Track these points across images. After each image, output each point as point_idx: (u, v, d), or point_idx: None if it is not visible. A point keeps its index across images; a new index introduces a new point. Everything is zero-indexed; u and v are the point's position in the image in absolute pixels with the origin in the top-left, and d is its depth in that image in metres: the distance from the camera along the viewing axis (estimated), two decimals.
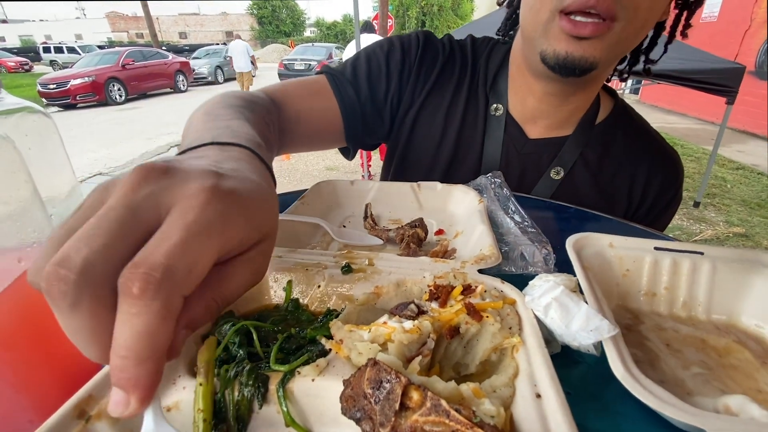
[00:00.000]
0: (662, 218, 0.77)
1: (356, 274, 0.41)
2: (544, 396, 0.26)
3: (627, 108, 0.79)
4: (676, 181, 0.76)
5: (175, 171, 0.23)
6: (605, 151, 0.74)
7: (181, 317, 0.22)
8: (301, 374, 0.29)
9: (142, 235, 0.21)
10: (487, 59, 0.77)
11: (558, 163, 0.73)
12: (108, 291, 0.20)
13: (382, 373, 0.24)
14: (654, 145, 0.76)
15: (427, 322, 0.31)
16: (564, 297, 0.32)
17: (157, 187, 0.22)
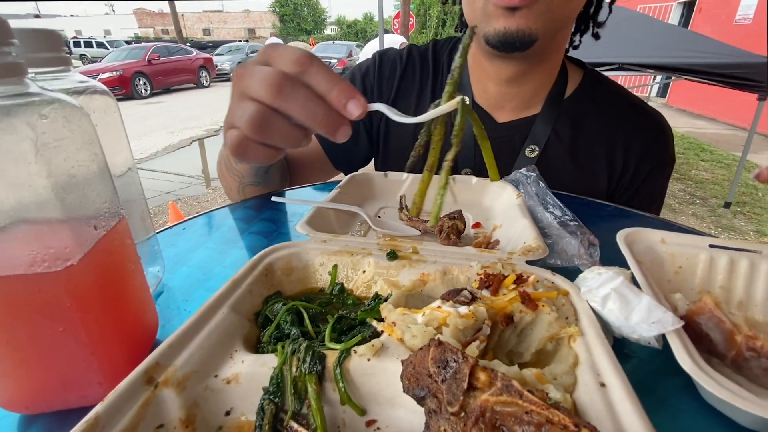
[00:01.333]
0: (650, 183, 0.73)
1: (401, 260, 0.41)
2: (609, 385, 0.26)
3: (597, 76, 0.78)
4: (660, 141, 0.73)
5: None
6: (577, 124, 0.73)
7: None
8: (357, 353, 0.30)
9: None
10: (448, 57, 0.80)
11: (531, 141, 0.73)
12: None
13: (448, 353, 0.24)
14: (631, 110, 0.74)
15: (482, 308, 0.31)
16: (624, 288, 0.31)
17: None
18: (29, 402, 0.29)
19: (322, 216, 0.54)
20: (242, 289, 0.36)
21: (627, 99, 0.76)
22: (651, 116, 0.75)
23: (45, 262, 0.25)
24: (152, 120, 7.74)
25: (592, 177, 0.73)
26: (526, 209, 0.55)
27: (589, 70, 0.78)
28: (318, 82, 0.36)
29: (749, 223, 3.43)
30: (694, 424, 0.30)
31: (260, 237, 0.56)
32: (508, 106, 0.76)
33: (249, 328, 0.34)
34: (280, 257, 0.41)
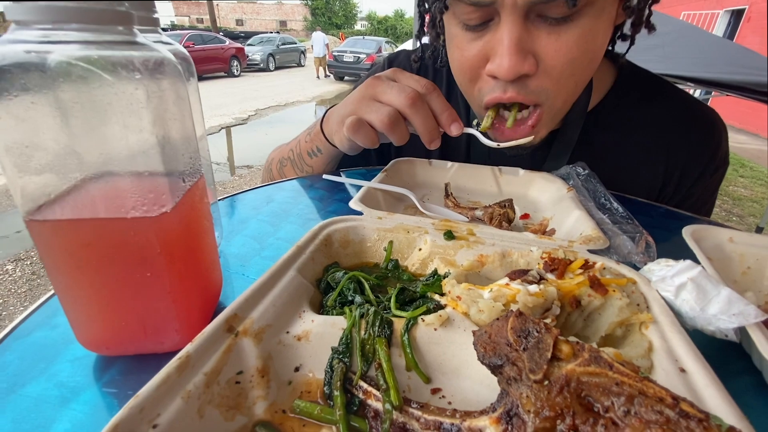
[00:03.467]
0: (700, 187, 0.67)
1: (459, 241, 0.41)
2: (689, 371, 0.25)
3: (634, 74, 0.70)
4: (711, 142, 0.66)
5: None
6: (611, 133, 0.67)
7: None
8: (424, 322, 0.30)
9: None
10: None
11: (549, 167, 0.67)
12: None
13: (529, 324, 0.24)
14: (676, 109, 0.67)
15: (552, 288, 0.31)
16: (702, 278, 0.30)
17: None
18: (110, 343, 0.31)
19: (371, 196, 0.55)
20: (306, 255, 0.36)
21: (670, 96, 0.69)
22: (701, 116, 0.68)
23: (143, 207, 0.26)
24: None
25: (628, 190, 0.68)
26: (579, 202, 0.54)
27: (624, 68, 0.71)
28: (436, 105, 0.52)
29: None
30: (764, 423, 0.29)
31: (309, 212, 0.57)
32: None
33: (313, 292, 0.35)
34: (339, 229, 0.42)
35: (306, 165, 0.72)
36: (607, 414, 0.20)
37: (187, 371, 0.23)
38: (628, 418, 0.20)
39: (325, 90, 10.71)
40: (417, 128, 0.51)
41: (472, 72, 0.56)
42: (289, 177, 0.74)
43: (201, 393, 0.23)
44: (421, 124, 0.51)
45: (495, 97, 0.54)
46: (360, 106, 0.54)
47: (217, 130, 6.44)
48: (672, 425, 0.19)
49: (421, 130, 0.52)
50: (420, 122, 0.51)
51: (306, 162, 0.71)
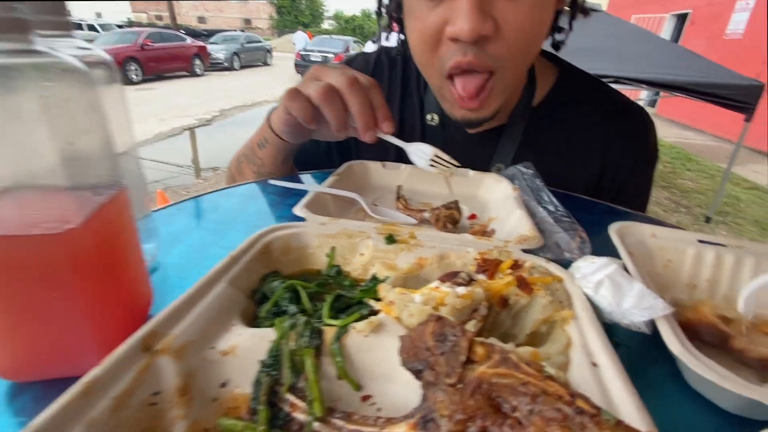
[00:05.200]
0: (633, 181, 0.71)
1: (399, 245, 0.41)
2: (600, 365, 0.27)
3: (573, 74, 0.75)
4: (640, 136, 0.71)
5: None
6: (551, 129, 0.71)
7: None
8: (355, 329, 0.30)
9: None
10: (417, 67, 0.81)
11: (498, 159, 0.72)
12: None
13: (447, 328, 0.25)
14: (609, 108, 0.72)
15: (479, 289, 0.32)
16: (617, 275, 0.32)
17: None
18: (21, 369, 0.29)
19: (320, 201, 0.54)
20: (240, 266, 0.36)
21: (605, 96, 0.74)
22: (631, 113, 0.73)
23: (46, 224, 0.24)
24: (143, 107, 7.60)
25: (568, 185, 0.71)
26: (522, 202, 0.56)
27: (565, 68, 0.76)
28: (375, 99, 0.53)
29: (730, 233, 3.52)
30: (679, 409, 0.31)
31: (256, 220, 0.56)
32: None
33: (246, 303, 0.34)
34: (279, 237, 0.41)
35: (257, 158, 0.70)
36: (514, 413, 0.21)
37: (92, 396, 0.22)
38: (531, 417, 0.20)
39: None
40: (353, 110, 0.51)
41: (432, 39, 0.57)
42: (246, 175, 0.72)
43: (107, 419, 0.22)
44: (359, 105, 0.51)
45: (456, 62, 0.55)
46: (301, 84, 0.55)
47: (180, 132, 6.21)
48: (569, 421, 0.20)
49: (358, 111, 0.51)
50: (357, 104, 0.51)
51: (257, 155, 0.70)
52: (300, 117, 0.53)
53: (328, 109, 0.51)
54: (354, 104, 0.51)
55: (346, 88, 0.51)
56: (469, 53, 0.54)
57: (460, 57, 0.55)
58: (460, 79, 0.58)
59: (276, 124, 0.64)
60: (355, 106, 0.51)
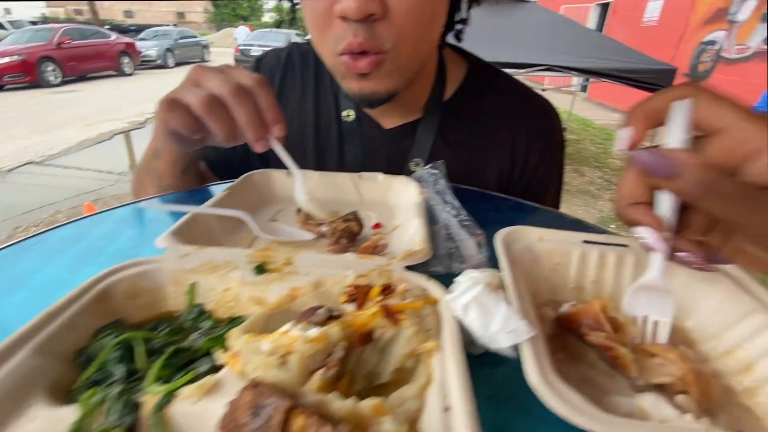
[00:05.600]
0: (541, 171, 0.73)
1: (271, 274, 0.37)
2: (453, 408, 0.24)
3: (482, 68, 0.76)
4: (545, 126, 0.73)
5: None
6: (463, 124, 0.72)
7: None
8: (180, 396, 0.25)
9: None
10: None
11: (416, 153, 0.72)
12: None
13: (262, 397, 0.21)
14: (516, 101, 0.74)
15: (336, 328, 0.28)
16: (483, 296, 0.30)
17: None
18: None
19: (199, 225, 0.48)
20: (58, 324, 0.29)
21: (512, 89, 0.75)
22: (537, 105, 0.74)
23: None
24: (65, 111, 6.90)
25: (482, 175, 0.72)
26: (424, 208, 0.54)
27: (473, 63, 0.76)
28: (263, 101, 0.47)
29: None
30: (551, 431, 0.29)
31: (129, 249, 0.49)
32: (392, 113, 0.73)
33: (63, 371, 0.28)
34: (123, 279, 0.35)
35: (154, 170, 0.64)
36: None
37: None
38: None
39: None
40: (241, 121, 0.46)
41: (323, 18, 0.55)
42: (148, 190, 0.65)
43: None
44: (246, 115, 0.46)
45: (348, 43, 0.53)
46: (179, 90, 0.49)
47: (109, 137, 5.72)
48: None
49: (246, 122, 0.46)
50: (245, 114, 0.46)
51: (154, 166, 0.64)
52: (182, 130, 0.48)
53: (212, 122, 0.46)
54: (241, 115, 0.46)
55: (231, 96, 0.46)
56: (360, 34, 0.52)
57: (351, 38, 0.53)
58: (352, 56, 0.56)
59: (158, 135, 0.58)
60: (242, 117, 0.46)
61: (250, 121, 0.46)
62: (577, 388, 0.31)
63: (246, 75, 0.48)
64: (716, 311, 0.36)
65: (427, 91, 0.71)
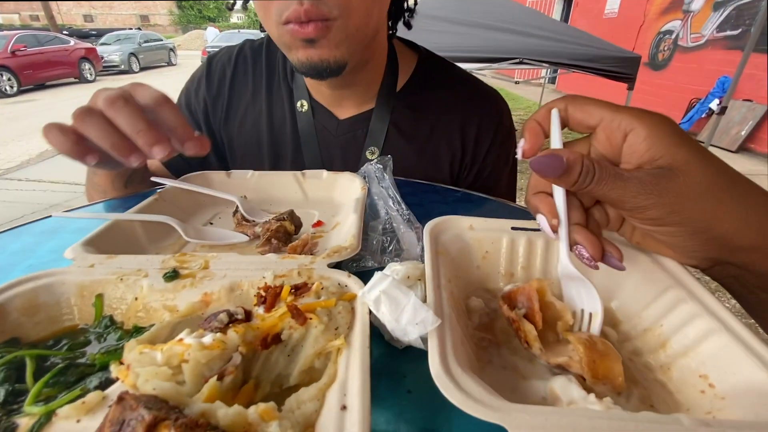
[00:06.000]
0: (491, 158, 0.75)
1: (183, 280, 0.35)
2: (349, 407, 0.23)
3: (431, 60, 0.78)
4: (494, 117, 0.74)
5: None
6: (414, 113, 0.73)
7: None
8: (59, 416, 0.23)
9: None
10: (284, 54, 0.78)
11: (370, 143, 0.73)
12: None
13: (126, 411, 0.19)
14: (464, 91, 0.75)
15: (233, 333, 0.27)
16: (393, 288, 0.29)
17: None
18: None
19: (125, 232, 0.46)
20: None
21: (461, 80, 0.76)
22: (485, 95, 0.76)
23: None
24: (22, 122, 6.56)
25: (435, 164, 0.73)
26: (362, 203, 0.53)
27: (422, 55, 0.77)
28: (170, 119, 0.44)
29: None
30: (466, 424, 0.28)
31: (45, 265, 0.46)
32: (346, 103, 0.73)
33: None
34: (20, 293, 0.32)
35: (97, 185, 0.63)
36: None
37: None
38: None
39: None
40: (124, 129, 0.42)
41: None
42: (93, 199, 0.64)
43: None
44: (125, 119, 0.41)
45: (293, 10, 0.53)
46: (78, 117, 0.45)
47: None
48: None
49: (127, 126, 0.41)
50: (123, 119, 0.41)
51: (95, 182, 0.62)
52: (69, 154, 0.43)
53: (89, 133, 0.42)
54: (120, 122, 0.42)
55: (106, 107, 0.42)
56: (305, 2, 0.52)
57: (297, 5, 0.52)
58: (298, 24, 0.55)
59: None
60: (122, 124, 0.42)
61: (131, 124, 0.41)
62: (497, 374, 0.31)
63: (144, 89, 0.44)
64: (636, 290, 0.36)
65: (379, 81, 0.72)
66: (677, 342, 0.31)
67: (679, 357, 0.31)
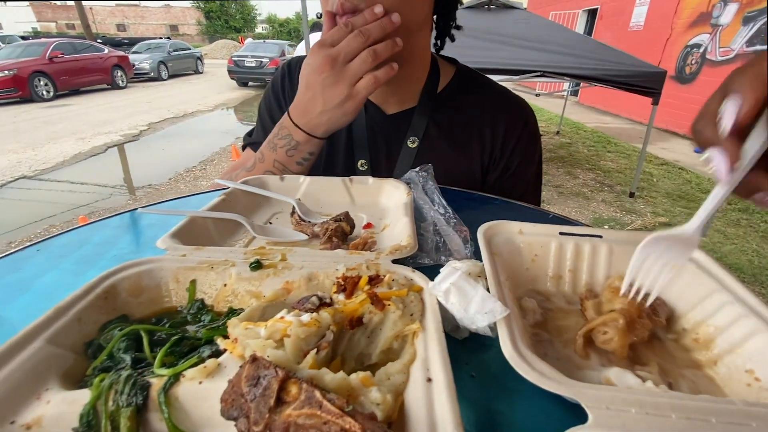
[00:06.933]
0: (517, 156, 0.82)
1: (266, 270, 0.39)
2: (434, 380, 0.26)
3: (467, 71, 0.89)
4: (520, 119, 0.82)
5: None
6: (452, 113, 0.82)
7: None
8: (186, 377, 0.27)
9: None
10: None
11: (411, 134, 0.81)
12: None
13: (260, 369, 0.23)
14: (495, 96, 0.85)
15: (326, 313, 0.30)
16: (462, 281, 0.32)
17: None
18: None
19: (197, 228, 0.51)
20: (68, 318, 0.32)
21: (493, 88, 0.86)
22: (512, 102, 0.85)
23: None
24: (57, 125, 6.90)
25: (468, 157, 0.82)
26: (411, 207, 0.56)
27: (460, 66, 0.88)
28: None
29: (647, 206, 3.88)
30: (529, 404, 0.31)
31: (128, 254, 0.51)
32: (392, 100, 0.83)
33: (74, 361, 0.31)
34: (127, 277, 0.37)
35: (294, 160, 0.74)
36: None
37: None
38: None
39: (228, 97, 10.10)
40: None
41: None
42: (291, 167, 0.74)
43: None
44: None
45: (339, 3, 0.62)
46: (333, 76, 0.65)
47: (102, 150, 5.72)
48: None
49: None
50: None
51: (295, 158, 0.73)
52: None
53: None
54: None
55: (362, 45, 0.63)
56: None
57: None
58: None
59: (340, 121, 0.69)
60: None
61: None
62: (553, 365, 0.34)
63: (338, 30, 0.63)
64: (684, 292, 0.39)
65: (422, 84, 0.82)
66: (724, 340, 0.34)
67: (725, 354, 0.33)
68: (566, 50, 3.94)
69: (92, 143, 5.89)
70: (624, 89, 3.80)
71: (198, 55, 15.14)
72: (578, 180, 4.45)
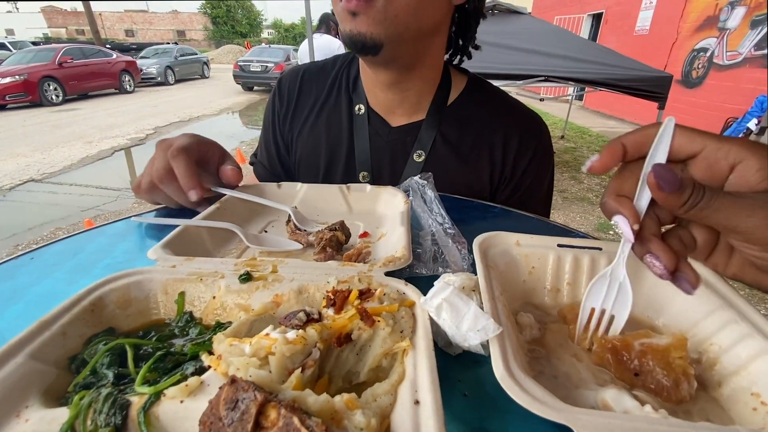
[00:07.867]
0: (530, 174, 0.78)
1: (256, 282, 0.38)
2: (422, 402, 0.25)
3: (479, 82, 0.84)
4: (534, 137, 0.79)
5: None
6: (461, 126, 0.79)
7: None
8: (167, 396, 0.27)
9: None
10: (348, 67, 0.87)
11: (418, 147, 0.78)
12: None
13: (239, 392, 0.22)
14: (508, 111, 0.81)
15: (313, 330, 0.30)
16: (454, 297, 0.31)
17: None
18: None
19: (193, 237, 0.50)
20: (52, 332, 0.31)
21: (505, 101, 0.82)
22: (527, 117, 0.81)
23: None
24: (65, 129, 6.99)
25: (476, 173, 0.78)
26: (408, 216, 0.55)
27: (472, 77, 0.84)
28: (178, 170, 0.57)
29: None
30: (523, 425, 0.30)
31: (122, 263, 0.51)
32: (398, 111, 0.79)
33: (56, 376, 0.30)
34: (115, 288, 0.37)
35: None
36: None
37: None
38: None
39: (234, 101, 10.18)
40: (171, 194, 0.59)
41: None
42: None
43: None
44: (171, 191, 0.58)
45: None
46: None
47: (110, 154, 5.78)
48: None
49: (174, 193, 0.59)
50: (171, 192, 0.58)
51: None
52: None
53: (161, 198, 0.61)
54: (171, 193, 0.59)
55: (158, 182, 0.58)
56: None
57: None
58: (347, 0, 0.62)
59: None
60: (172, 194, 0.59)
61: (176, 193, 0.58)
62: (548, 382, 0.33)
63: (159, 159, 0.58)
64: (685, 309, 0.37)
65: (431, 96, 0.79)
66: (728, 361, 0.32)
67: (730, 375, 0.32)
68: (571, 55, 3.92)
69: (99, 147, 5.96)
70: (630, 94, 3.78)
71: (204, 59, 15.31)
72: (583, 185, 4.42)
